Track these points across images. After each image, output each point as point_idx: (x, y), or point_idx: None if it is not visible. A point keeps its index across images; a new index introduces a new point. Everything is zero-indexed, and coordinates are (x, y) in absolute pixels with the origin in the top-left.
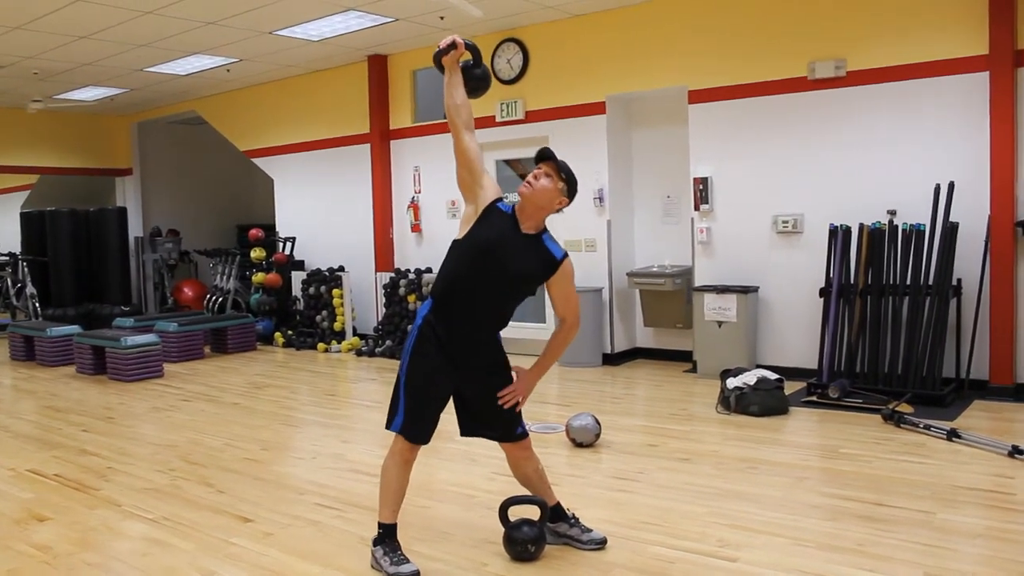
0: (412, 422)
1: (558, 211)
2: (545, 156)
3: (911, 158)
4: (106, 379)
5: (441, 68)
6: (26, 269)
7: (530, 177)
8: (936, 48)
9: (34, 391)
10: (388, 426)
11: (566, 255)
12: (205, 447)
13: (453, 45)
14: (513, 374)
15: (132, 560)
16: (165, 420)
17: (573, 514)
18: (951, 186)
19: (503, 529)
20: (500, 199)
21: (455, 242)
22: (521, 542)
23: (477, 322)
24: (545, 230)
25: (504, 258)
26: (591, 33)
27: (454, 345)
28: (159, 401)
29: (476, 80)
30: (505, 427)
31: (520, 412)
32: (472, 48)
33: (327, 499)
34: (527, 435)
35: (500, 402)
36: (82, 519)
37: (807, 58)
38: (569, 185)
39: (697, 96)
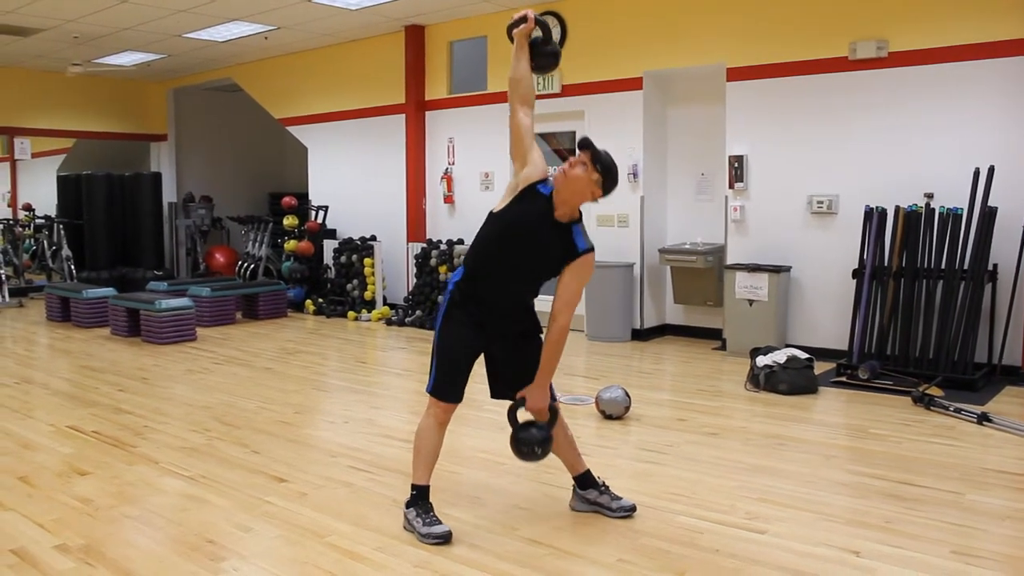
0: (442, 383)
1: (593, 201)
2: (584, 145)
3: (950, 141)
4: (140, 341)
5: (512, 39)
6: (62, 232)
7: (566, 165)
8: (980, 30)
9: (70, 351)
10: (427, 388)
11: (590, 250)
12: (239, 409)
13: (524, 19)
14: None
15: (170, 514)
16: (199, 382)
17: (603, 481)
18: (991, 170)
19: (511, 431)
20: (543, 180)
21: (491, 214)
22: (528, 443)
23: (503, 294)
24: (579, 219)
25: (530, 239)
26: (630, 8)
27: (483, 313)
28: (192, 364)
29: (542, 57)
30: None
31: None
32: (543, 25)
33: (359, 462)
34: (555, 400)
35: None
36: (120, 474)
37: (848, 38)
38: (605, 178)
39: (735, 74)
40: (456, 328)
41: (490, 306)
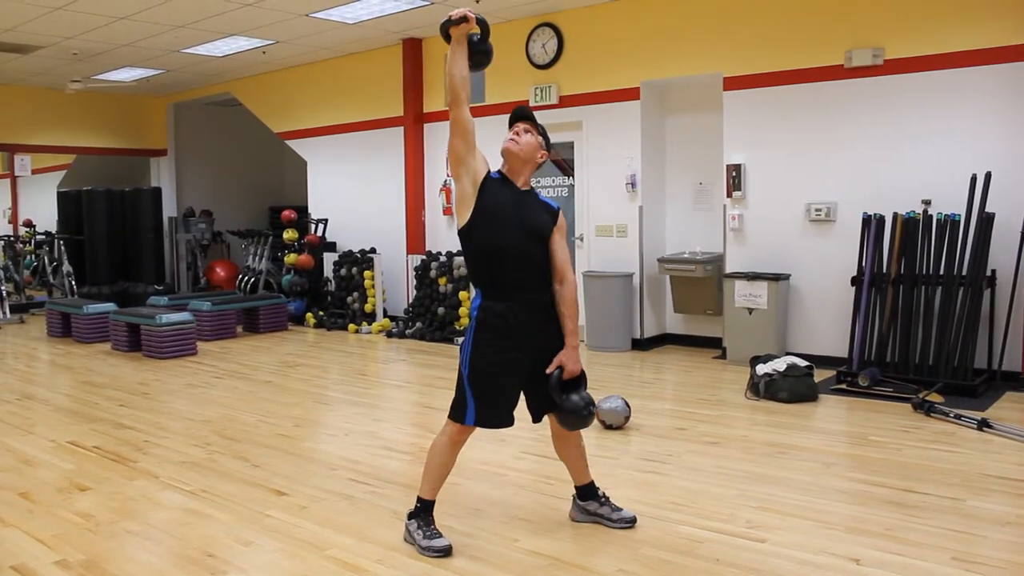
0: (484, 410)
1: (539, 165)
2: (523, 115)
3: (947, 148)
4: (141, 356)
5: (447, 37)
6: (62, 247)
7: (512, 135)
8: (975, 37)
9: (71, 366)
10: (461, 421)
11: (559, 207)
12: (239, 423)
13: (464, 18)
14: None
15: (171, 529)
16: (199, 396)
17: (603, 493)
18: (988, 176)
19: (559, 404)
20: (489, 171)
21: (463, 229)
22: (578, 409)
23: (530, 286)
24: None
25: (520, 215)
26: (626, 18)
27: (519, 320)
28: (193, 378)
29: (481, 55)
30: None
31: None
32: (482, 23)
33: (360, 475)
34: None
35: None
36: (121, 489)
37: (844, 46)
38: (546, 139)
39: (732, 83)
40: (490, 353)
41: (523, 308)
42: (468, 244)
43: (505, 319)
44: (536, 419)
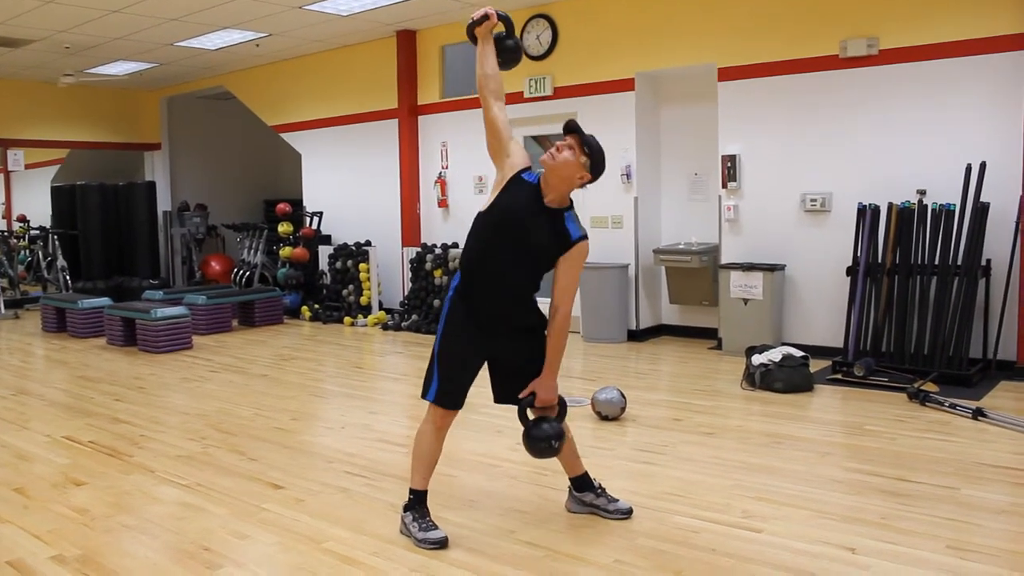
0: (444, 390)
1: (580, 187)
2: (571, 129)
3: (942, 137)
4: (136, 350)
5: (474, 39)
6: (57, 242)
7: (553, 148)
8: (970, 27)
9: (66, 361)
10: (424, 395)
11: (584, 237)
12: (235, 416)
13: (486, 16)
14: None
15: (167, 523)
16: (195, 390)
17: (599, 484)
18: (983, 166)
19: (523, 428)
20: (527, 169)
21: (479, 214)
22: (543, 439)
23: (503, 291)
24: (570, 207)
25: (523, 228)
26: (621, 9)
27: (483, 314)
28: (189, 372)
29: (508, 52)
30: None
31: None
32: (505, 19)
33: (356, 468)
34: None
35: (530, 404)
36: (117, 484)
37: (839, 36)
38: (593, 161)
39: (726, 74)
40: (458, 333)
41: (490, 306)
42: (471, 229)
43: (473, 309)
44: (497, 400)
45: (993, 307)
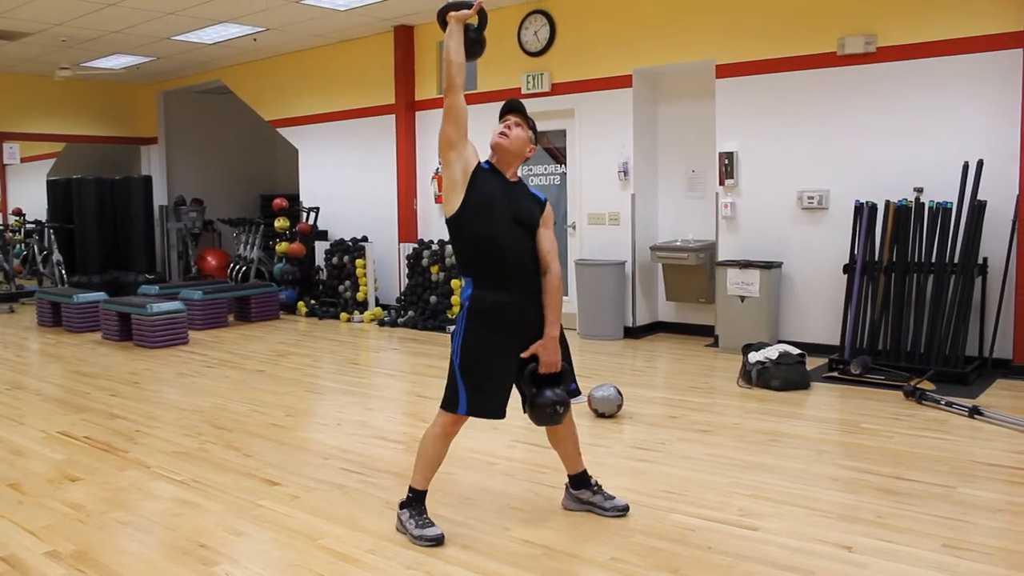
0: (476, 399)
1: (527, 158)
2: (513, 108)
3: (939, 135)
4: (132, 345)
5: (444, 24)
6: (52, 236)
7: (503, 128)
8: (968, 25)
9: (62, 356)
10: (454, 411)
11: (547, 199)
12: (231, 412)
13: (468, 4)
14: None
15: (162, 519)
16: (191, 386)
17: (596, 481)
18: (980, 164)
19: (528, 397)
20: (480, 161)
21: (453, 218)
22: (548, 404)
23: (525, 274)
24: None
25: (509, 204)
26: (619, 6)
27: (514, 308)
28: (184, 367)
29: (475, 45)
30: (564, 384)
31: (570, 369)
32: (482, 13)
33: (352, 464)
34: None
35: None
36: (112, 480)
37: (836, 33)
38: (534, 132)
39: (724, 71)
40: (481, 341)
41: (515, 296)
42: (459, 234)
43: (498, 308)
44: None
45: (989, 305)
